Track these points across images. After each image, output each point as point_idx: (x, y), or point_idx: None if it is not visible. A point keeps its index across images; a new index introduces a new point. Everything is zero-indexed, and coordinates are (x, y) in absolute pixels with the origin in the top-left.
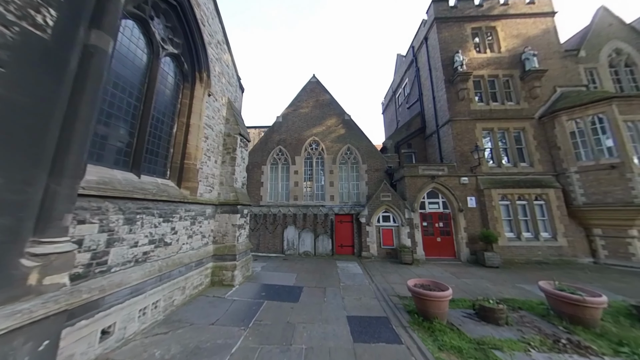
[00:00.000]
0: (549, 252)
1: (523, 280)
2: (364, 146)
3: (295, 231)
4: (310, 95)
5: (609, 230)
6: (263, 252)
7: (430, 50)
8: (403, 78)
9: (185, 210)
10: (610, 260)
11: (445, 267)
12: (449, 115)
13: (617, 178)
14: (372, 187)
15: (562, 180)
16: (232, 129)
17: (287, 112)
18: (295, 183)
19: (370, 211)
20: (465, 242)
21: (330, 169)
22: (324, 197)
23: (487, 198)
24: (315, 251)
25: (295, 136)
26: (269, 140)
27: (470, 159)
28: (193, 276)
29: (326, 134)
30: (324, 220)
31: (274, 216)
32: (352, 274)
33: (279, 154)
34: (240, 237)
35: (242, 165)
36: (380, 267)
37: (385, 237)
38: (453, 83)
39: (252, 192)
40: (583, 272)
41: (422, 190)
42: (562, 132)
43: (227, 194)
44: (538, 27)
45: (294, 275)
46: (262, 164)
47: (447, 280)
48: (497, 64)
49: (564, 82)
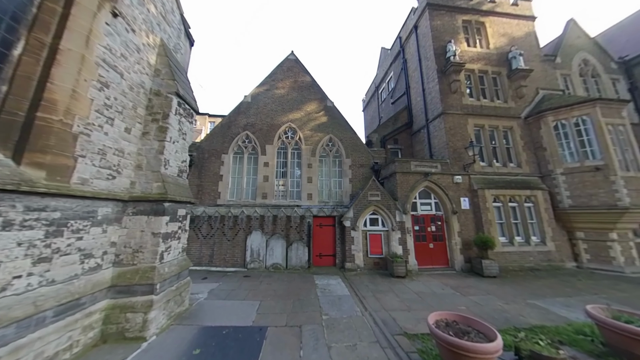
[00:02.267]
0: (539, 258)
1: (531, 295)
2: (348, 138)
3: (262, 238)
4: (287, 75)
5: (591, 234)
6: (218, 266)
7: (421, 39)
8: (387, 72)
9: (29, 208)
10: (592, 264)
11: (441, 278)
12: (441, 107)
13: (601, 180)
14: (356, 184)
15: (548, 182)
16: (164, 86)
17: (258, 91)
18: (264, 177)
19: (356, 213)
20: (460, 248)
21: (308, 162)
22: (300, 196)
23: (480, 199)
24: (288, 263)
25: (268, 121)
26: (233, 123)
27: (463, 156)
28: (47, 337)
29: (305, 121)
30: (300, 223)
31: (234, 219)
32: (337, 297)
33: (246, 141)
34: (167, 253)
35: (180, 143)
36: (369, 282)
37: (373, 243)
38: (445, 74)
39: (206, 187)
40: (576, 278)
41: (414, 189)
42: (547, 133)
43: (147, 183)
44: (521, 30)
45: (256, 304)
46: (223, 152)
47: (453, 300)
48: (486, 59)
49: (545, 85)
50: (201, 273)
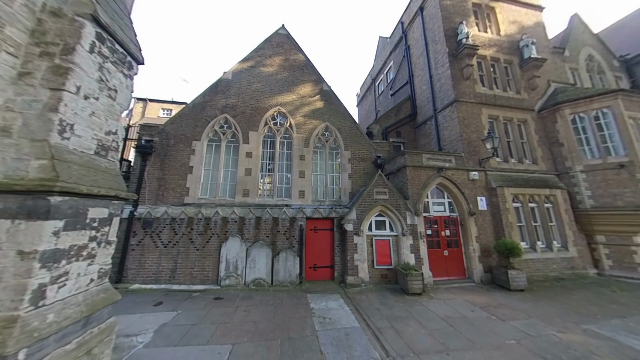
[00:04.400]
0: (562, 265)
1: (579, 315)
2: (347, 127)
3: (241, 246)
4: (276, 51)
5: (613, 238)
6: (182, 284)
7: (428, 21)
8: (386, 62)
9: None
10: (615, 271)
11: (462, 294)
12: (453, 95)
13: (627, 179)
14: (356, 181)
15: (566, 180)
16: (70, 2)
17: (241, 67)
18: (246, 171)
19: (360, 214)
20: (478, 255)
21: (300, 154)
22: (291, 193)
23: (500, 198)
24: (274, 278)
25: (252, 103)
26: (208, 104)
27: (479, 150)
28: None
29: (297, 106)
30: (290, 227)
31: (206, 222)
32: (343, 330)
33: (224, 127)
34: (56, 287)
35: (102, 103)
36: (379, 303)
37: (380, 251)
38: (457, 58)
39: (170, 181)
40: (609, 289)
41: (427, 186)
42: (565, 127)
43: (18, 161)
44: (530, 19)
45: (225, 351)
46: (194, 139)
47: (492, 328)
48: (498, 46)
49: (555, 78)
50: (157, 294)
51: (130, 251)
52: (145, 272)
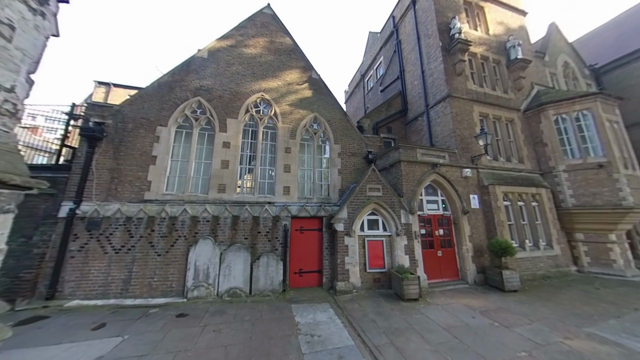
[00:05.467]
0: (548, 264)
1: (577, 317)
2: (337, 119)
3: (213, 250)
4: (260, 32)
5: (591, 235)
6: (138, 297)
7: (420, 14)
8: (376, 57)
9: None
10: (593, 268)
11: (458, 297)
12: (447, 89)
13: (605, 178)
14: (347, 177)
15: (549, 179)
16: None
17: (219, 46)
18: (223, 163)
19: (351, 212)
20: (471, 255)
21: (286, 146)
22: (274, 190)
23: (492, 197)
24: (252, 287)
25: (231, 87)
26: (178, 84)
27: (471, 147)
28: None
29: (283, 93)
30: (272, 227)
31: (171, 221)
32: (334, 351)
33: (197, 112)
34: None
35: None
36: (374, 313)
37: (373, 253)
38: (450, 52)
39: (126, 173)
40: (593, 287)
41: (421, 182)
42: (548, 127)
43: None
44: (515, 22)
45: None
46: (160, 124)
47: (499, 338)
48: (487, 45)
49: (538, 80)
50: (101, 313)
51: (69, 259)
52: (89, 285)
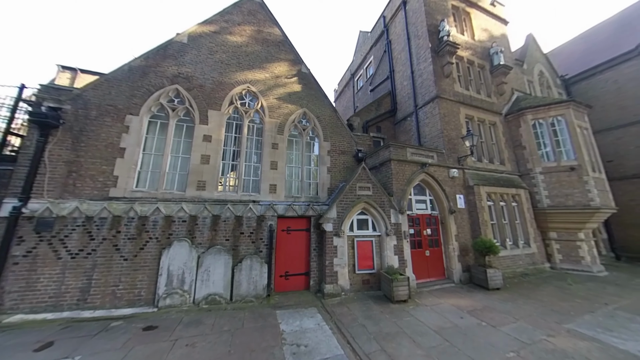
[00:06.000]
0: (526, 261)
1: (556, 314)
2: (327, 116)
3: (190, 253)
4: (247, 20)
5: (562, 234)
6: (99, 309)
7: (411, 15)
8: (366, 57)
9: None
10: (565, 264)
11: (445, 296)
12: (435, 90)
13: (576, 180)
14: (336, 175)
15: (527, 181)
16: None
17: (201, 31)
18: (203, 158)
19: (341, 212)
20: (457, 255)
21: (273, 141)
22: (259, 188)
23: (477, 197)
24: (234, 292)
25: (214, 76)
26: (152, 70)
27: (458, 148)
28: None
29: (271, 87)
30: (257, 228)
31: (141, 221)
32: None
33: (175, 101)
34: None
35: None
36: (364, 317)
37: (362, 254)
38: (439, 54)
39: (87, 166)
40: (566, 283)
41: (411, 182)
42: (527, 131)
43: None
44: (498, 30)
45: None
46: (130, 112)
47: (488, 338)
48: (473, 49)
49: (517, 87)
50: (50, 329)
51: (12, 266)
52: (37, 296)
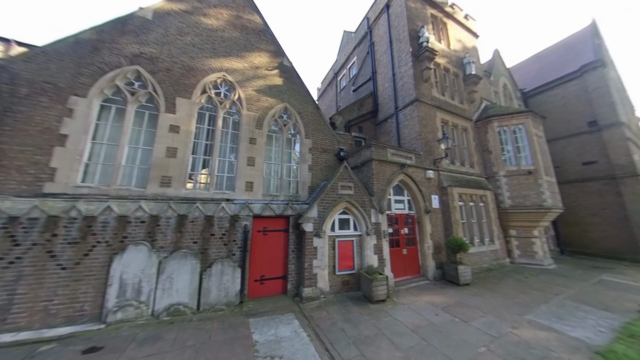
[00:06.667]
0: (491, 257)
1: (518, 306)
2: (309, 112)
3: (149, 258)
4: (224, 2)
5: (520, 231)
6: (20, 330)
7: (393, 19)
8: (350, 57)
9: None
10: (522, 259)
11: (421, 294)
12: (415, 94)
13: (532, 183)
14: (317, 174)
15: (493, 183)
16: None
17: (169, 8)
18: (169, 151)
19: (322, 211)
20: (432, 252)
21: (251, 136)
22: (234, 185)
23: (450, 197)
24: (202, 301)
25: (184, 60)
26: (106, 45)
27: (434, 150)
28: None
29: (250, 77)
30: (230, 229)
31: (86, 222)
32: None
33: (134, 84)
34: None
35: None
36: (343, 320)
37: (343, 254)
38: (419, 59)
39: (14, 156)
40: (523, 276)
41: (391, 182)
42: (493, 138)
43: None
44: (470, 42)
45: None
46: (74, 93)
47: (462, 335)
48: (448, 58)
49: (486, 96)
50: None
51: None
52: None
